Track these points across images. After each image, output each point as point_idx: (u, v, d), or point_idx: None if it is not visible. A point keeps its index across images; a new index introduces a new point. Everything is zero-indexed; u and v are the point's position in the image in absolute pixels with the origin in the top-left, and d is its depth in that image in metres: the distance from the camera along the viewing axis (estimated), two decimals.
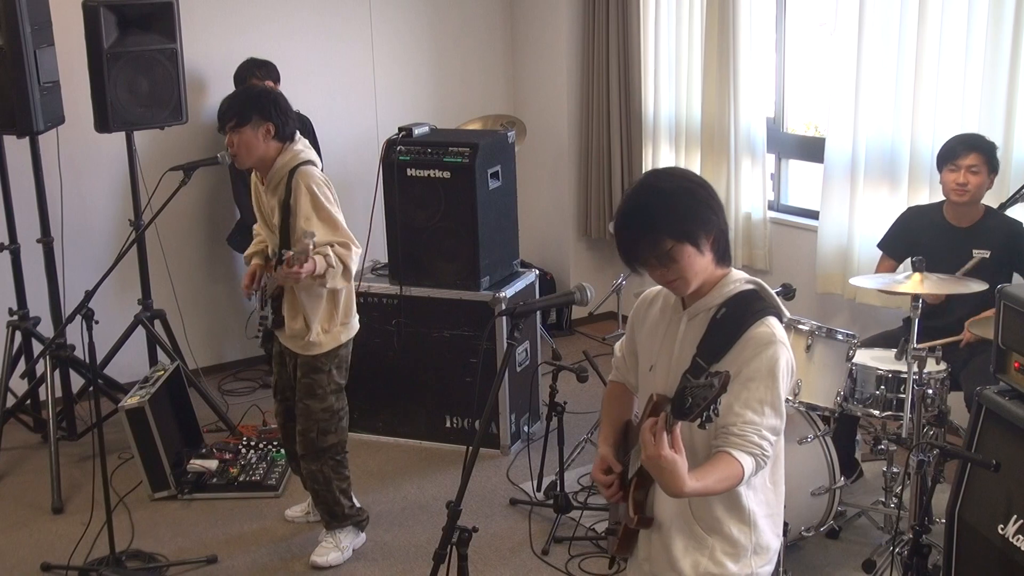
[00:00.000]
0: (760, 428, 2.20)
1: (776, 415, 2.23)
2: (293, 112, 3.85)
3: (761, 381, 2.21)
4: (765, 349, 2.22)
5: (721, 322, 2.28)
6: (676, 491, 2.13)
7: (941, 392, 3.87)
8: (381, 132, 6.07)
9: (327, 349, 3.87)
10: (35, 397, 5.20)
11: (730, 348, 2.24)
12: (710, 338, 2.28)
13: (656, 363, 2.39)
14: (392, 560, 4.13)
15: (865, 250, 4.97)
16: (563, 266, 6.81)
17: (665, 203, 2.24)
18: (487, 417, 4.69)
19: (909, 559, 3.23)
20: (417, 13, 6.46)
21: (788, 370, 2.26)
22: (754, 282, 2.34)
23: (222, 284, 6.07)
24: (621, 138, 6.32)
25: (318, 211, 3.71)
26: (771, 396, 2.22)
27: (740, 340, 2.24)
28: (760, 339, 2.23)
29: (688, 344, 2.31)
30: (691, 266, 2.26)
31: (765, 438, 2.21)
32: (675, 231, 2.22)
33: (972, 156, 4.10)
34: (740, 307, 2.28)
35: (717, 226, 2.28)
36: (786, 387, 2.26)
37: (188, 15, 5.23)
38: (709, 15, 5.62)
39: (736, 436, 2.20)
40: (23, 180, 4.96)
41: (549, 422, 4.40)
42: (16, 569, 4.10)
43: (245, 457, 4.88)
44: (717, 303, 2.30)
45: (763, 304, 2.29)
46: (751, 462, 2.20)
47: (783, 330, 2.29)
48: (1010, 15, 4.29)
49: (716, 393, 2.00)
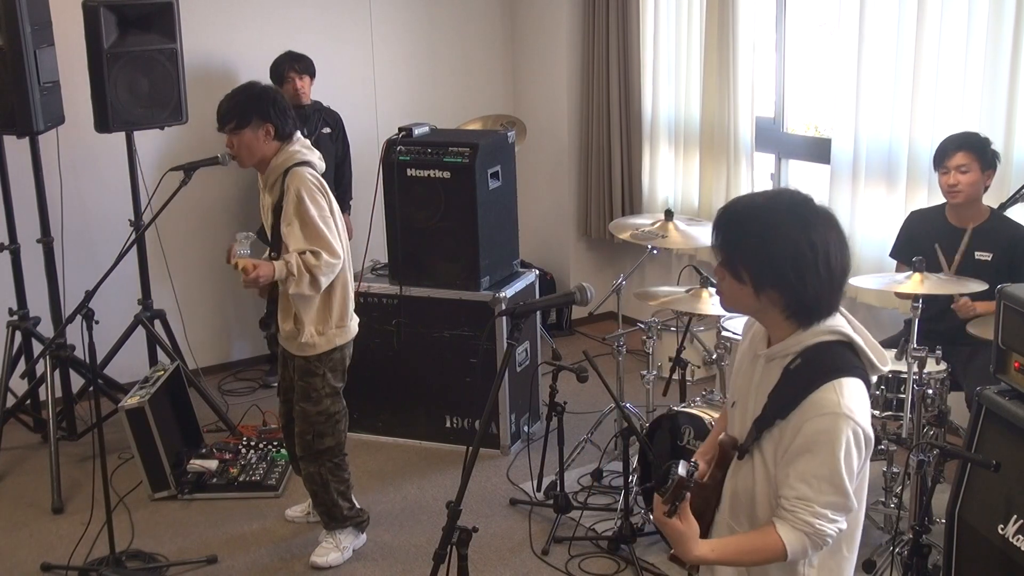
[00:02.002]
0: (813, 505, 2.04)
1: (835, 492, 2.04)
2: (292, 111, 3.85)
3: (818, 453, 2.03)
4: (824, 420, 2.02)
5: (794, 374, 2.08)
6: (683, 557, 2.10)
7: (941, 392, 3.87)
8: (381, 132, 6.07)
9: (321, 351, 3.85)
10: (35, 397, 5.20)
11: (796, 407, 2.05)
12: (781, 390, 2.10)
13: (739, 400, 2.25)
14: (392, 560, 4.12)
15: (867, 250, 4.98)
16: (563, 266, 6.81)
17: (755, 231, 2.06)
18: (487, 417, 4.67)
19: (909, 559, 3.23)
20: (417, 13, 6.46)
21: (856, 445, 2.04)
22: (842, 335, 2.10)
23: (222, 284, 6.07)
24: (621, 138, 6.32)
25: (300, 215, 3.66)
26: (828, 471, 2.02)
27: (806, 401, 2.04)
28: (822, 406, 2.03)
29: (762, 391, 2.15)
30: (738, 298, 2.11)
31: (820, 516, 2.05)
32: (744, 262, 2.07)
33: (959, 155, 4.09)
34: (815, 361, 2.07)
35: (793, 291, 2.05)
36: (858, 463, 2.06)
37: (188, 15, 5.23)
38: (709, 15, 5.62)
39: (786, 511, 2.07)
40: (23, 180, 4.96)
41: (549, 422, 4.40)
42: (16, 569, 4.10)
43: (245, 457, 4.88)
44: (793, 351, 2.10)
45: (840, 363, 2.07)
46: (799, 540, 2.06)
47: (860, 397, 2.06)
48: (1010, 15, 4.29)
49: (668, 488, 2.00)
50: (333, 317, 3.85)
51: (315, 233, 3.66)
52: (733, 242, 2.09)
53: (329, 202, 3.75)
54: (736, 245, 2.08)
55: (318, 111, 5.75)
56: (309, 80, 5.64)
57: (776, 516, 2.09)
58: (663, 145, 6.16)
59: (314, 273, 3.65)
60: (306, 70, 5.61)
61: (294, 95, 5.56)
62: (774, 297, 2.07)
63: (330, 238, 3.68)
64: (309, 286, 3.67)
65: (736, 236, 2.09)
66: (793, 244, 2.03)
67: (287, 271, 3.63)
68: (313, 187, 3.70)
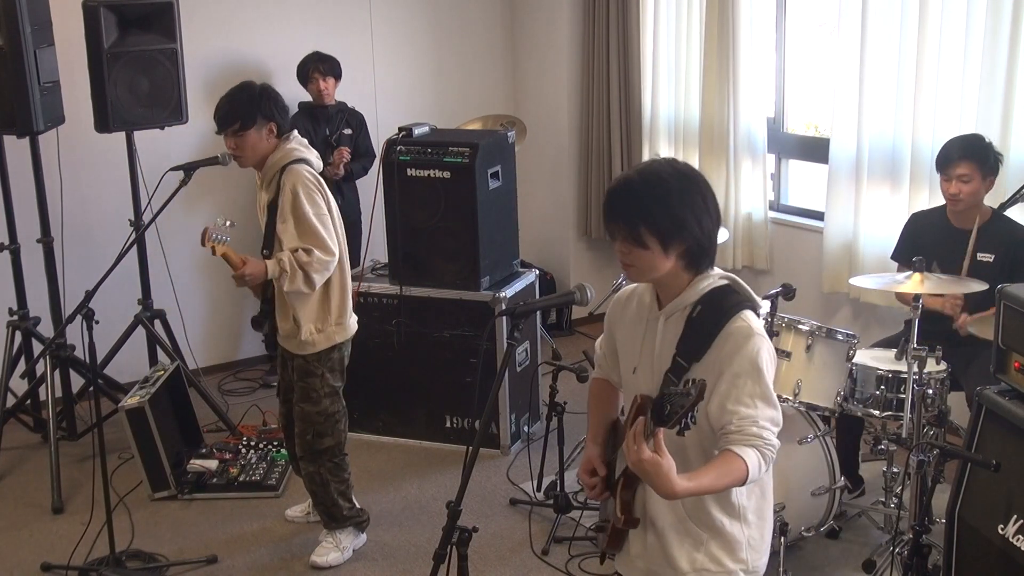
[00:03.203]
0: (756, 419, 2.22)
1: (769, 405, 2.25)
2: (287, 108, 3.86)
3: (747, 376, 2.22)
4: (745, 343, 2.23)
5: (697, 320, 2.29)
6: (666, 493, 2.14)
7: (941, 392, 3.87)
8: (381, 132, 6.06)
9: (320, 349, 3.85)
10: (35, 397, 5.20)
11: (710, 345, 2.26)
12: (688, 337, 2.29)
13: (639, 364, 2.41)
14: (392, 560, 4.12)
15: (869, 249, 4.98)
16: (563, 266, 6.81)
17: (656, 195, 2.25)
18: (487, 417, 4.68)
19: (909, 559, 3.23)
20: (417, 13, 6.46)
21: (771, 360, 2.28)
22: (728, 277, 2.35)
23: (222, 284, 6.06)
24: (621, 138, 6.32)
25: (295, 214, 3.66)
26: (760, 388, 2.23)
27: (719, 337, 2.25)
28: (739, 334, 2.24)
29: (668, 344, 2.33)
30: (651, 264, 2.28)
31: (764, 428, 2.22)
32: (652, 225, 2.24)
33: (962, 165, 4.07)
34: (715, 303, 2.29)
35: (695, 237, 2.27)
36: (771, 376, 2.27)
37: (188, 15, 5.23)
38: (709, 15, 5.62)
39: (734, 433, 2.21)
40: (23, 180, 4.96)
41: (549, 422, 4.40)
42: (16, 569, 4.10)
43: (245, 457, 4.88)
44: (692, 301, 2.31)
45: (737, 298, 2.31)
46: (754, 455, 2.20)
47: (760, 321, 2.32)
48: (1007, 17, 4.29)
49: (693, 401, 2.02)
50: (332, 314, 3.84)
51: (309, 230, 3.67)
52: (637, 214, 2.26)
53: (326, 200, 3.75)
54: (640, 215, 2.25)
55: (341, 111, 5.83)
56: (334, 81, 5.75)
57: (726, 443, 2.22)
58: (662, 145, 6.15)
59: (307, 270, 3.66)
60: (331, 71, 5.71)
61: (318, 95, 5.68)
62: (680, 250, 2.27)
63: (324, 235, 3.68)
64: (304, 283, 3.68)
65: (639, 207, 2.26)
66: (688, 196, 2.27)
67: (279, 269, 3.63)
68: (310, 185, 3.70)
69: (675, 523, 2.36)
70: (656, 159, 2.38)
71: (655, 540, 2.39)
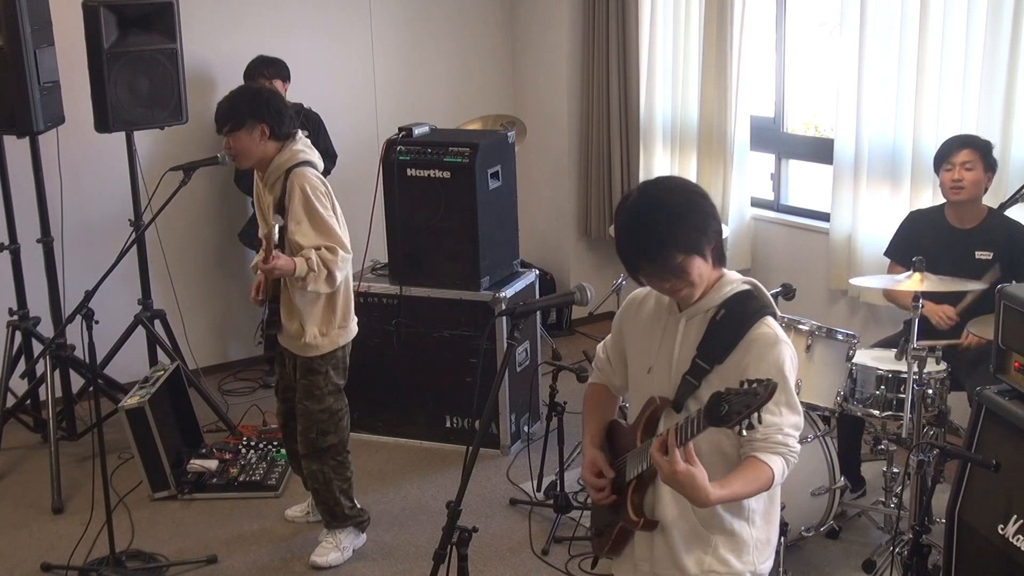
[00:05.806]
0: (781, 427, 2.26)
1: (793, 412, 2.29)
2: (290, 111, 3.85)
3: None
4: (771, 350, 2.26)
5: (721, 324, 2.31)
6: (701, 502, 2.18)
7: (941, 392, 3.87)
8: (381, 132, 6.07)
9: (324, 351, 3.87)
10: (35, 397, 5.20)
11: (732, 350, 2.28)
12: (710, 340, 2.31)
13: (655, 365, 2.41)
14: (392, 560, 4.13)
15: (869, 249, 4.98)
16: (563, 266, 6.81)
17: (675, 220, 2.26)
18: (487, 417, 4.69)
19: (909, 559, 3.23)
20: (417, 13, 6.45)
21: (794, 367, 2.31)
22: (749, 282, 2.38)
23: (222, 284, 6.08)
24: (621, 138, 6.32)
25: (309, 214, 3.68)
26: (785, 396, 2.26)
27: (743, 342, 2.28)
28: (764, 340, 2.27)
29: (688, 346, 2.34)
30: (701, 275, 2.30)
31: (789, 435, 2.28)
32: (686, 246, 2.26)
33: (965, 152, 4.11)
34: (738, 308, 2.31)
35: (717, 231, 2.32)
36: (793, 382, 2.31)
37: (188, 15, 5.23)
38: (708, 15, 5.62)
39: (760, 440, 2.25)
40: (23, 180, 4.96)
41: (549, 422, 4.40)
42: (16, 569, 4.10)
43: (245, 457, 4.88)
44: (715, 304, 2.33)
45: (759, 303, 2.33)
46: (779, 462, 2.26)
47: (781, 328, 2.34)
48: (1008, 17, 4.29)
49: (762, 401, 2.02)
50: (336, 318, 3.87)
51: (327, 229, 3.71)
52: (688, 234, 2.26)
53: (332, 202, 3.78)
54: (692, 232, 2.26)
55: (297, 113, 5.73)
56: (282, 84, 5.57)
57: (751, 450, 2.26)
58: (661, 145, 6.15)
59: (331, 268, 3.70)
60: (277, 74, 5.53)
61: None
62: (712, 251, 2.31)
63: (341, 234, 3.74)
64: (326, 282, 3.71)
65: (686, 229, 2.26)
66: (700, 204, 2.30)
67: (307, 267, 3.65)
68: (318, 186, 3.73)
69: (685, 527, 2.37)
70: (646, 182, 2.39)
71: (663, 543, 2.40)
